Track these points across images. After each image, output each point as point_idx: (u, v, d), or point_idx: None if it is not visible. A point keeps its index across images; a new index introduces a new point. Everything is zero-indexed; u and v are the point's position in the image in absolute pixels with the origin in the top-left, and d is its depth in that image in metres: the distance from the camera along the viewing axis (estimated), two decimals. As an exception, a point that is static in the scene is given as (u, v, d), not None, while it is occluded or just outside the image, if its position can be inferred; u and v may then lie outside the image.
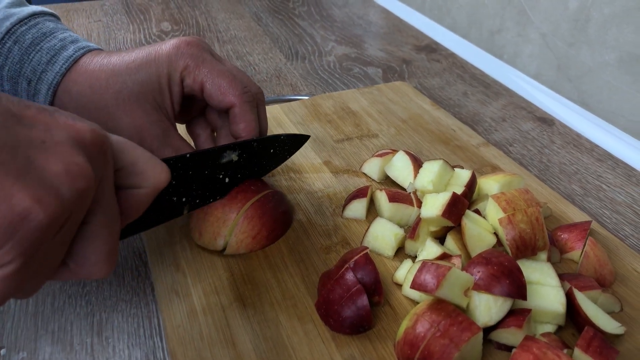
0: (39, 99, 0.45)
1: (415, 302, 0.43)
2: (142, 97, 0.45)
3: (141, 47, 0.47)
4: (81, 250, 0.29)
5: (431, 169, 0.51)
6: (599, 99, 0.75)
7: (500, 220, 0.43)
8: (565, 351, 0.36)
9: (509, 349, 0.39)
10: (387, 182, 0.58)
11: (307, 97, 0.75)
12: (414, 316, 0.38)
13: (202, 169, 0.44)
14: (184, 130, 0.54)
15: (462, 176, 0.50)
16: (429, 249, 0.45)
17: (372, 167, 0.58)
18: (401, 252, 0.48)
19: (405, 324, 0.38)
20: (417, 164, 0.55)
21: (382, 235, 0.48)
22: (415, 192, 0.52)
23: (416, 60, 0.95)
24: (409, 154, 0.56)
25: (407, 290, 0.43)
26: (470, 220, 0.45)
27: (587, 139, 0.72)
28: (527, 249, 0.43)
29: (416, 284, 0.38)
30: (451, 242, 0.46)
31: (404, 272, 0.44)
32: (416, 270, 0.39)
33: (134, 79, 0.45)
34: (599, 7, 0.72)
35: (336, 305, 0.39)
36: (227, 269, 0.45)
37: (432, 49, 1.00)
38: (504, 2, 0.89)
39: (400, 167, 0.56)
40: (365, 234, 0.49)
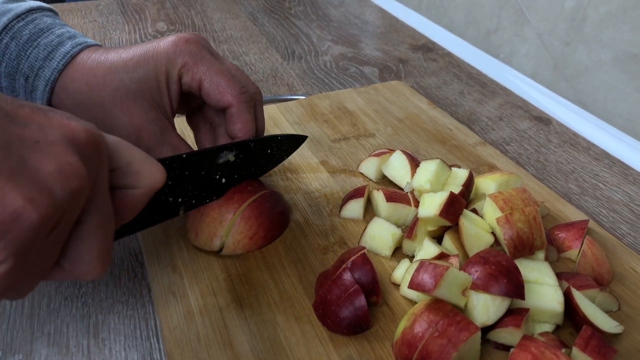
0: (37, 96, 0.45)
1: (413, 302, 0.43)
2: (139, 95, 0.45)
3: (139, 44, 0.46)
4: (75, 250, 0.29)
5: (428, 169, 0.51)
6: (595, 98, 0.75)
7: (497, 219, 0.43)
8: (563, 350, 0.36)
9: (507, 348, 0.39)
10: (384, 181, 0.58)
11: (303, 97, 0.75)
12: (411, 316, 0.38)
13: (199, 169, 0.43)
14: (184, 123, 0.53)
15: (460, 175, 0.50)
16: (427, 249, 0.45)
17: (369, 167, 0.58)
18: (399, 251, 0.48)
19: (403, 324, 0.38)
20: (414, 163, 0.54)
21: (380, 235, 0.48)
22: (412, 192, 0.52)
23: (413, 59, 0.95)
24: (406, 153, 0.56)
25: (405, 290, 0.43)
26: (467, 219, 0.45)
27: (583, 138, 0.72)
28: (524, 248, 0.43)
29: (414, 284, 0.38)
30: (449, 242, 0.45)
31: (402, 272, 0.44)
32: (414, 270, 0.39)
33: (132, 77, 0.44)
34: (595, 7, 0.72)
35: (334, 305, 0.39)
36: (224, 269, 0.45)
37: (428, 48, 1.00)
38: (500, 1, 0.89)
39: (397, 167, 0.55)
40: (362, 233, 0.49)
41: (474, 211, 0.47)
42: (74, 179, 0.25)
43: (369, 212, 0.53)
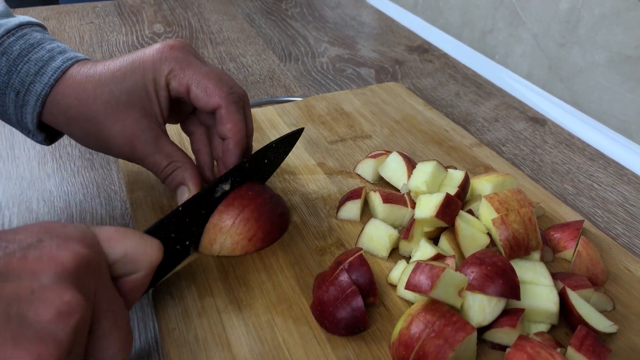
0: (27, 110, 0.45)
1: (409, 303, 0.43)
2: (130, 105, 0.45)
3: (126, 55, 0.47)
4: (97, 351, 0.30)
5: (425, 170, 0.51)
6: (590, 99, 0.75)
7: (493, 220, 0.44)
8: (558, 350, 0.37)
9: (503, 348, 0.39)
10: (381, 183, 0.58)
11: (300, 99, 0.75)
12: (408, 317, 0.38)
13: (198, 210, 0.44)
14: (178, 129, 0.54)
15: (456, 177, 0.51)
16: (423, 250, 0.45)
17: (366, 168, 0.58)
18: (395, 252, 0.48)
19: (400, 325, 0.38)
20: (411, 164, 0.55)
21: (377, 236, 0.48)
22: (409, 193, 0.52)
23: (409, 60, 0.95)
24: (402, 154, 0.56)
25: (402, 291, 0.43)
26: (463, 220, 0.45)
27: (578, 139, 0.72)
28: (520, 248, 0.43)
29: (410, 285, 0.38)
30: (445, 243, 0.46)
31: (399, 273, 0.45)
32: (410, 271, 0.39)
33: (121, 88, 0.45)
34: (589, 8, 0.72)
35: (331, 306, 0.39)
36: (222, 271, 0.45)
37: (424, 49, 1.00)
38: (495, 2, 0.89)
39: (393, 168, 0.56)
40: (359, 235, 0.49)
41: (470, 212, 0.48)
42: (74, 315, 0.26)
43: (366, 213, 0.53)
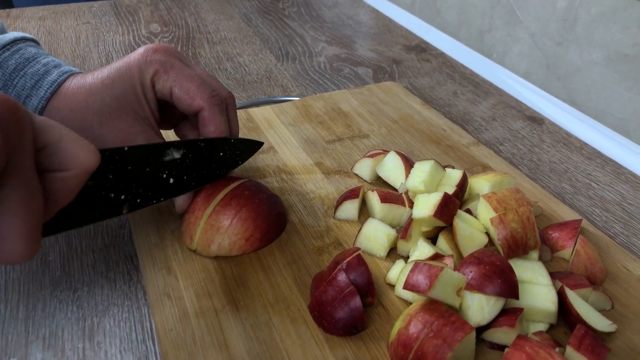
0: None
1: (408, 303, 0.43)
2: (122, 110, 0.45)
3: (113, 63, 0.47)
4: None
5: (422, 169, 0.51)
6: (587, 98, 0.75)
7: (491, 219, 0.44)
8: (557, 349, 0.36)
9: (501, 348, 0.39)
10: (379, 182, 0.58)
11: (298, 98, 0.75)
12: (407, 317, 0.38)
13: (143, 165, 0.42)
14: (173, 134, 0.54)
15: (453, 176, 0.50)
16: (421, 250, 0.45)
17: (364, 168, 0.58)
18: (393, 252, 0.48)
19: (398, 325, 0.38)
20: (409, 164, 0.55)
21: (375, 235, 0.48)
22: (406, 193, 0.52)
23: (406, 60, 0.95)
24: (400, 154, 0.56)
25: (400, 290, 0.43)
26: (461, 220, 0.45)
27: (576, 138, 0.72)
28: (518, 248, 0.43)
29: (409, 285, 0.38)
30: (443, 242, 0.46)
31: (397, 272, 0.44)
32: (409, 270, 0.39)
33: (111, 95, 0.45)
34: (586, 7, 0.72)
35: (329, 306, 0.39)
36: (220, 271, 0.45)
37: (422, 48, 1.00)
38: (493, 1, 0.89)
39: (391, 168, 0.56)
40: (357, 234, 0.49)
41: (468, 211, 0.48)
42: None
43: (364, 213, 0.53)
